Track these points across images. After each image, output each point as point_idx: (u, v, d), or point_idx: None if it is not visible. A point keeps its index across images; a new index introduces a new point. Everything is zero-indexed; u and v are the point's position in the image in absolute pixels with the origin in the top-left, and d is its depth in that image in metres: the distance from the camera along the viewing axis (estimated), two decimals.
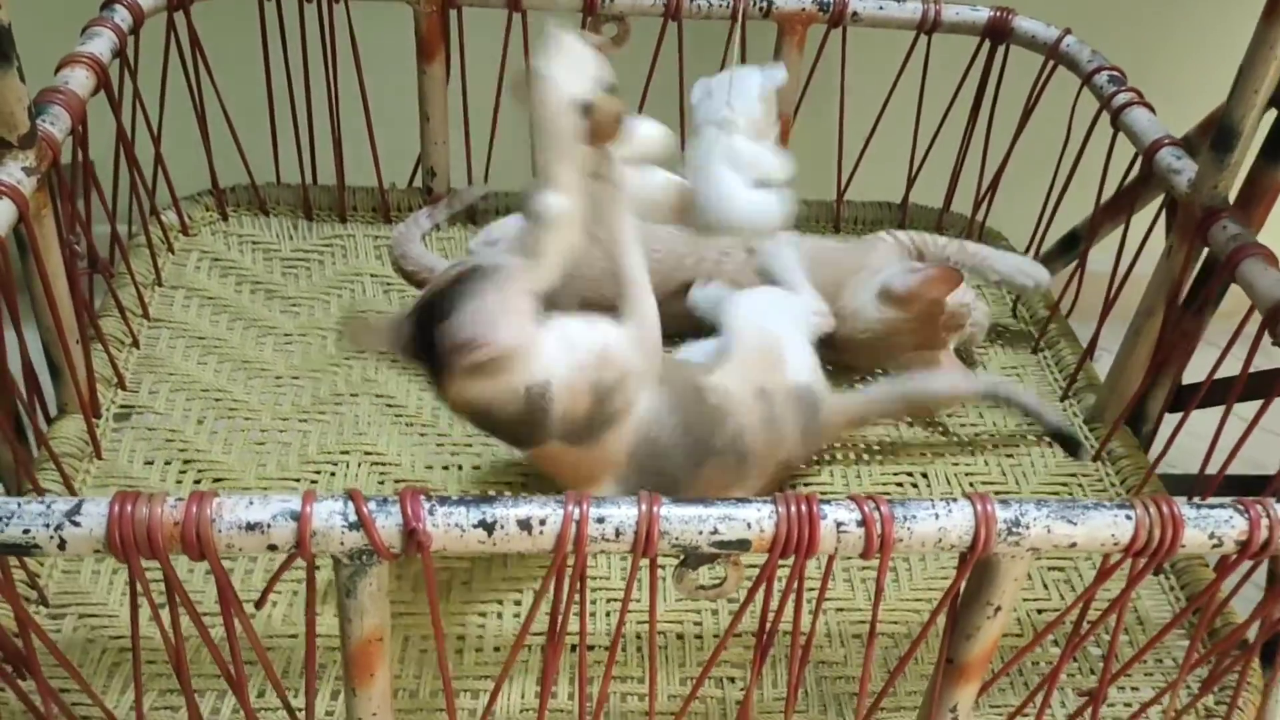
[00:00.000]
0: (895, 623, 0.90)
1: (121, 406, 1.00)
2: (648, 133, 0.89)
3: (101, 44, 0.96)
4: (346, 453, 0.99)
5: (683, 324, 1.04)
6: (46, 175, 0.85)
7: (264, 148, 1.18)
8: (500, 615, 0.88)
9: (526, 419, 0.80)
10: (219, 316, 1.10)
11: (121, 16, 1.00)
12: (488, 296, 0.77)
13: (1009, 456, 1.05)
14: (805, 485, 1.01)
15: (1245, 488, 0.98)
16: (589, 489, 0.79)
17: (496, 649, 0.86)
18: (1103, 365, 1.10)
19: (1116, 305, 1.08)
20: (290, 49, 1.13)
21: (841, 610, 0.90)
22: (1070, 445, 1.04)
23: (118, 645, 0.83)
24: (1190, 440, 0.96)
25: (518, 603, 0.89)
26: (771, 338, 0.96)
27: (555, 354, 0.80)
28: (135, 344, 1.05)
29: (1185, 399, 1.00)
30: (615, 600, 0.89)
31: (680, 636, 0.88)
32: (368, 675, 0.67)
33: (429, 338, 0.77)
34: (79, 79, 0.92)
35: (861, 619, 0.90)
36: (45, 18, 1.06)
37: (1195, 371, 1.03)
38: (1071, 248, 1.21)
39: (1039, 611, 0.92)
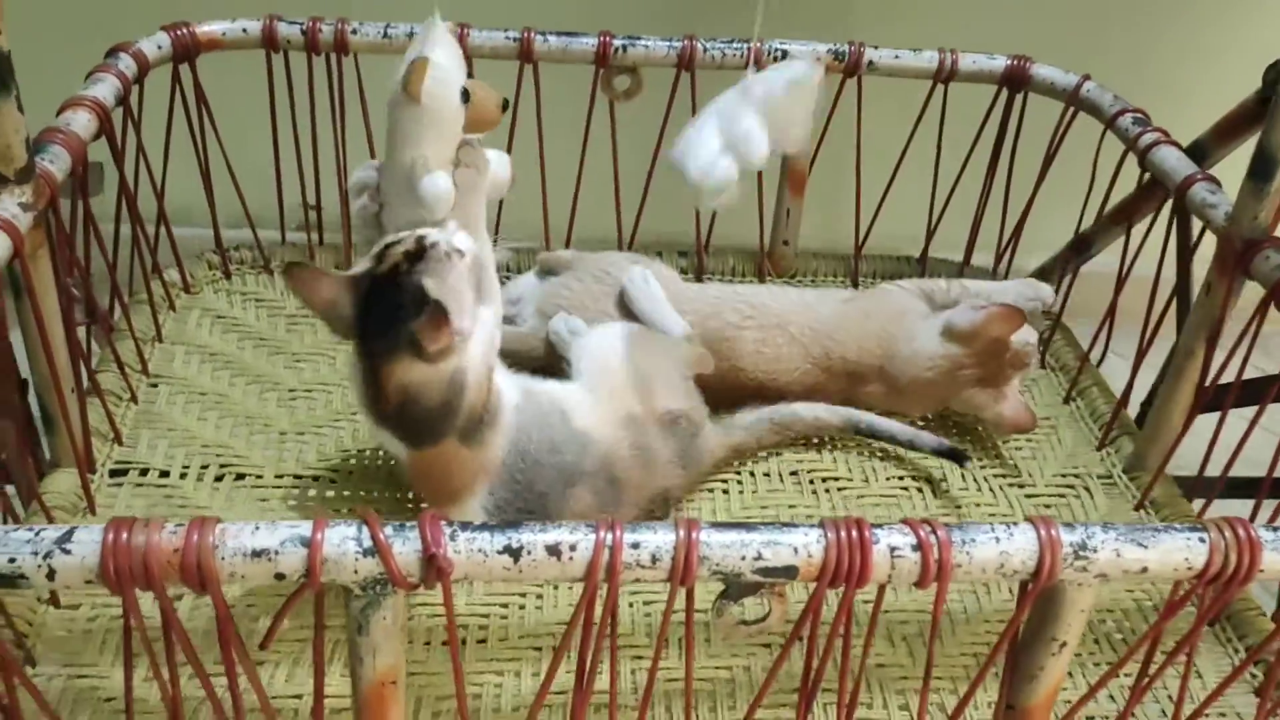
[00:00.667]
0: (940, 678, 0.84)
1: (118, 462, 0.95)
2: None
3: (105, 89, 0.94)
4: (352, 511, 0.94)
5: (720, 380, 1.02)
6: (44, 215, 0.82)
7: (269, 202, 1.15)
8: (519, 674, 0.82)
9: (444, 407, 0.80)
10: (221, 372, 1.06)
11: (126, 64, 0.98)
12: (448, 279, 0.78)
13: (1047, 508, 1.00)
14: (822, 479, 1.01)
15: (1243, 491, 0.94)
16: (461, 501, 0.84)
17: (515, 709, 0.80)
18: (1113, 367, 1.08)
19: (1119, 307, 1.07)
20: (298, 103, 1.10)
21: (883, 666, 0.85)
22: (956, 457, 1.01)
23: (109, 708, 0.77)
24: (1191, 440, 0.96)
25: (537, 662, 0.83)
26: (634, 367, 0.94)
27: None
28: (133, 399, 1.01)
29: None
30: (640, 657, 0.84)
31: (713, 694, 0.82)
32: None
33: (383, 314, 0.77)
34: (81, 121, 0.89)
35: (903, 674, 0.84)
36: (50, 64, 1.04)
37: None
38: (1079, 252, 1.18)
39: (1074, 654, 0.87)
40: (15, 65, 0.77)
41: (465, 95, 0.84)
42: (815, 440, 1.05)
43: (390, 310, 0.77)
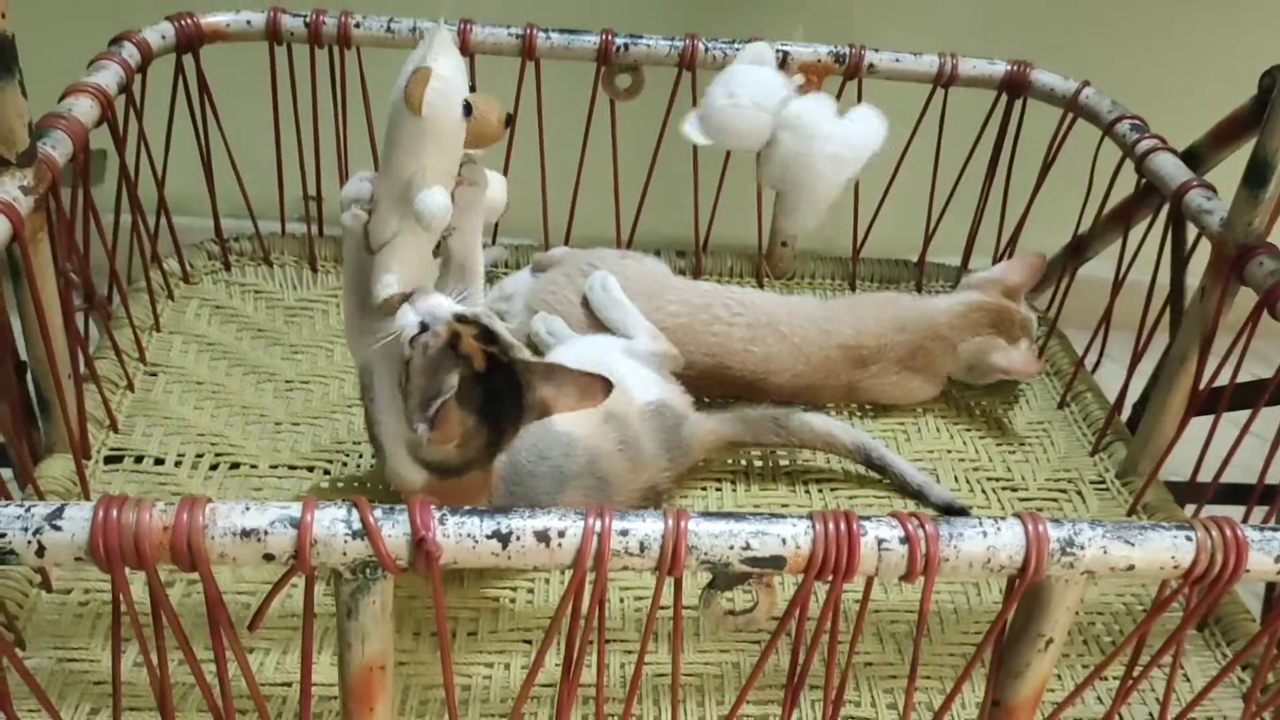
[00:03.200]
0: (927, 677, 0.84)
1: (113, 449, 0.96)
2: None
3: (108, 76, 0.94)
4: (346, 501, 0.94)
5: (707, 382, 1.02)
6: (44, 199, 0.83)
7: (270, 195, 1.16)
8: (508, 666, 0.82)
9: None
10: (218, 362, 1.07)
11: (129, 52, 0.99)
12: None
13: (1039, 511, 1.00)
14: (816, 480, 1.01)
15: (1235, 497, 0.95)
16: None
17: (503, 700, 0.80)
18: (1107, 372, 1.09)
19: (1117, 312, 1.08)
20: (300, 96, 1.11)
21: (871, 664, 0.85)
22: (957, 513, 0.98)
23: (98, 690, 0.77)
24: (1182, 445, 0.97)
25: (526, 655, 0.83)
26: (604, 368, 0.92)
27: None
28: (130, 387, 1.01)
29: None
30: (628, 650, 0.84)
31: (700, 689, 0.82)
32: (367, 709, 0.62)
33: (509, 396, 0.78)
34: (83, 107, 0.89)
35: (891, 672, 0.84)
36: (54, 50, 1.04)
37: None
38: (1075, 256, 1.19)
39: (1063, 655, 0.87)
40: (19, 50, 0.78)
41: (468, 109, 0.80)
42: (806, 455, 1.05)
43: (513, 392, 0.78)
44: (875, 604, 0.89)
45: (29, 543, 0.53)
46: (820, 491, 1.00)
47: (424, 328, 0.76)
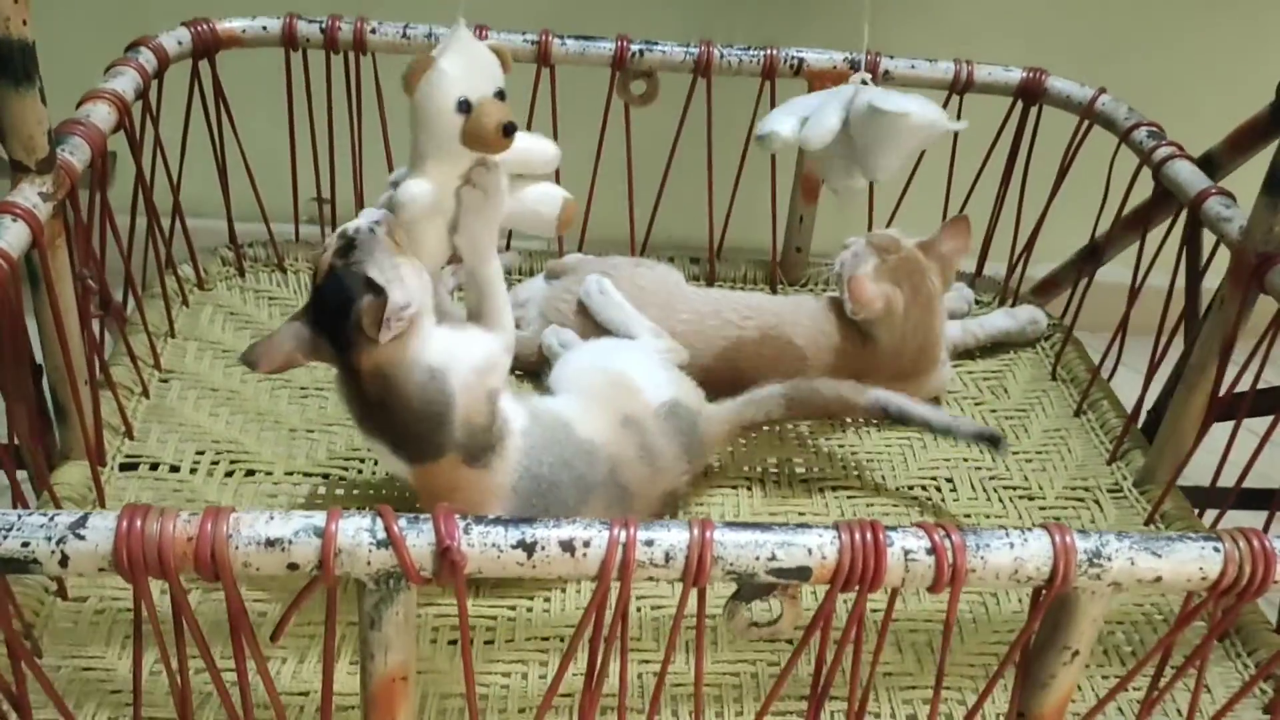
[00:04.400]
0: (949, 688, 0.84)
1: (129, 455, 0.96)
2: (532, 145, 0.89)
3: (125, 82, 0.94)
4: (362, 509, 0.93)
5: (720, 385, 1.01)
6: (62, 205, 0.83)
7: (285, 202, 1.16)
8: (525, 676, 0.82)
9: (431, 412, 0.80)
10: (233, 369, 1.06)
11: (146, 58, 0.99)
12: (378, 257, 0.78)
13: (1057, 520, 1.00)
14: (833, 488, 1.01)
15: (1256, 503, 0.94)
16: None
17: (522, 710, 0.80)
18: (1122, 380, 1.08)
19: (1131, 318, 1.06)
20: (315, 102, 1.11)
21: (891, 675, 0.84)
22: (993, 441, 0.97)
23: (116, 700, 0.77)
24: (1200, 453, 0.96)
25: (544, 664, 0.83)
26: (614, 371, 0.95)
27: (447, 350, 0.81)
28: (145, 393, 1.01)
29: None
30: (647, 661, 0.83)
31: (719, 699, 0.81)
32: None
33: (337, 315, 0.78)
34: (101, 114, 0.90)
35: (912, 683, 0.84)
36: (71, 56, 1.04)
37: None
38: (1090, 261, 1.19)
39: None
40: (38, 57, 0.78)
41: (465, 106, 0.80)
42: (824, 446, 1.05)
43: (343, 308, 0.78)
44: (895, 613, 0.88)
45: (52, 552, 0.53)
46: (836, 500, 1.00)
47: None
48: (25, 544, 0.53)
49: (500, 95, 0.83)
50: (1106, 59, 1.23)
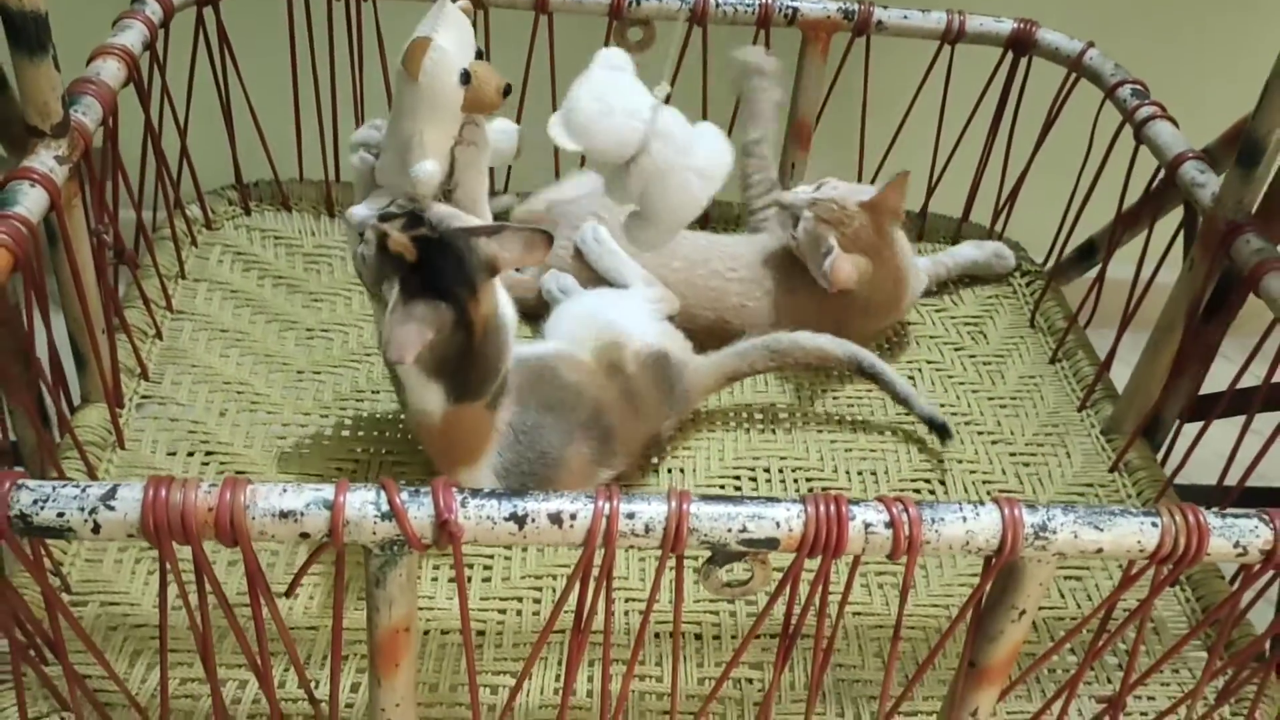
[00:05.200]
0: (913, 627, 0.90)
1: (144, 397, 1.00)
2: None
3: (133, 36, 0.97)
4: (368, 450, 0.99)
5: (709, 334, 1.05)
6: (77, 165, 0.86)
7: (288, 143, 1.18)
8: (520, 612, 0.88)
9: (497, 359, 0.86)
10: (241, 310, 1.11)
11: (152, 9, 1.01)
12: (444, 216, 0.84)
13: (1025, 465, 1.05)
14: (816, 431, 1.06)
15: (1260, 501, 0.98)
16: (477, 462, 0.88)
17: (515, 644, 0.86)
18: (1120, 376, 1.10)
19: (1135, 315, 1.08)
20: (317, 46, 1.13)
21: (859, 614, 0.91)
22: (942, 430, 1.04)
23: (140, 633, 0.83)
24: (1204, 453, 0.97)
25: (537, 600, 0.89)
26: (605, 321, 0.99)
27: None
28: (159, 335, 1.06)
29: (1204, 410, 1.01)
30: (633, 599, 0.89)
31: (699, 636, 0.88)
32: (393, 665, 0.67)
33: (452, 277, 0.80)
34: (111, 70, 0.92)
35: (878, 622, 0.90)
36: (77, 8, 1.06)
37: (1212, 383, 1.05)
38: (1088, 256, 1.22)
39: (1056, 619, 0.92)
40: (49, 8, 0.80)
41: (466, 77, 0.83)
42: (805, 393, 1.10)
43: (459, 261, 0.81)
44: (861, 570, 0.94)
45: (85, 521, 0.58)
46: (818, 444, 1.05)
47: (363, 240, 0.81)
48: (60, 514, 0.58)
49: (480, 55, 0.86)
50: (1110, 53, 1.23)
